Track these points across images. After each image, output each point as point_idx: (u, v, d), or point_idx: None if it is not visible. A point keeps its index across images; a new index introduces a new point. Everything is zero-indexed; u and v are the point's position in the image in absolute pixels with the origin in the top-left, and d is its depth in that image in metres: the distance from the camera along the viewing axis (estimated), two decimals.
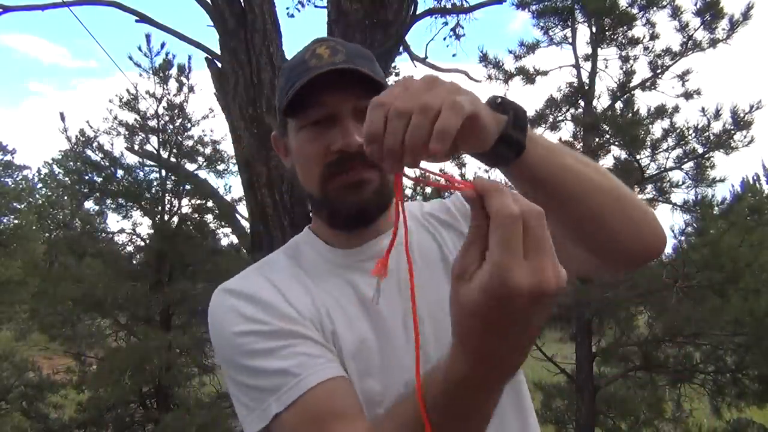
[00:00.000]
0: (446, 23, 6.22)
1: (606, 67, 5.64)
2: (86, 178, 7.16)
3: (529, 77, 5.74)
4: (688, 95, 5.36)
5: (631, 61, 5.51)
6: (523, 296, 0.48)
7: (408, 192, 5.73)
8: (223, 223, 7.02)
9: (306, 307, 0.87)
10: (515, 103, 0.71)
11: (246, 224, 4.37)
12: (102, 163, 7.09)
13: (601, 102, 5.70)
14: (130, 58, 6.81)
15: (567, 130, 5.78)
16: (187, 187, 6.98)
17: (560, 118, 5.76)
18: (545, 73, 5.77)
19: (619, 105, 5.54)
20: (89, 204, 8.10)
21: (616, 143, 5.41)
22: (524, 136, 0.70)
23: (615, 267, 0.84)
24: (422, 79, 0.60)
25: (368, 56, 0.92)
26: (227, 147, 7.25)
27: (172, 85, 7.05)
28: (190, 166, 7.34)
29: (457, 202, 1.01)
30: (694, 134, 5.14)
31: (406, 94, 0.58)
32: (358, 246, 0.94)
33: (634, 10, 5.46)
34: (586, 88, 5.64)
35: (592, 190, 0.74)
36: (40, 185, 21.33)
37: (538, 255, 0.49)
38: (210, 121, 7.58)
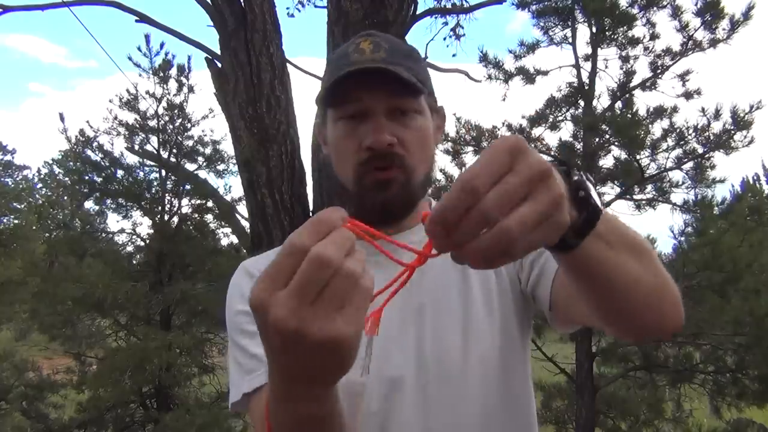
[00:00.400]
0: (446, 23, 6.20)
1: (606, 67, 5.65)
2: (86, 178, 7.16)
3: (529, 77, 5.74)
4: (688, 95, 5.36)
5: (631, 61, 5.52)
6: (268, 328, 0.47)
7: None
8: (223, 223, 7.02)
9: None
10: (595, 201, 0.59)
11: (246, 224, 4.37)
12: (102, 163, 7.09)
13: (601, 102, 5.71)
14: (130, 58, 6.81)
15: (567, 130, 5.78)
16: (187, 187, 6.98)
17: (560, 118, 5.77)
18: (545, 73, 5.77)
19: (619, 105, 5.54)
20: (89, 204, 8.09)
21: (616, 143, 5.41)
22: (581, 240, 0.60)
23: (626, 338, 0.84)
24: (531, 170, 0.48)
25: (412, 55, 0.93)
26: (227, 147, 7.25)
27: (172, 85, 7.06)
28: (190, 166, 7.34)
29: None
30: (694, 134, 5.14)
31: (503, 191, 0.47)
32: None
33: (635, 10, 5.46)
34: (586, 88, 5.64)
35: (636, 289, 0.69)
36: (40, 185, 21.35)
37: (298, 296, 0.46)
38: (210, 121, 7.59)
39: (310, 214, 3.43)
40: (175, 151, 7.13)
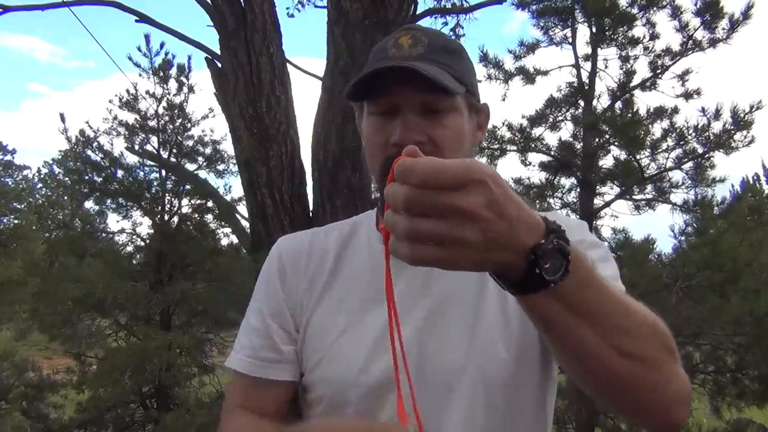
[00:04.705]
0: (446, 23, 6.20)
1: (606, 67, 5.65)
2: (86, 178, 7.14)
3: (529, 77, 5.74)
4: (688, 95, 5.36)
5: (631, 61, 5.52)
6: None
7: None
8: (223, 223, 7.01)
9: (302, 292, 0.95)
10: (540, 272, 0.54)
11: (246, 224, 4.37)
12: (102, 163, 7.07)
13: (601, 102, 5.71)
14: (130, 58, 6.80)
15: (567, 130, 5.78)
16: (187, 187, 6.97)
17: (560, 118, 5.77)
18: (545, 72, 5.77)
19: (619, 105, 5.54)
20: (89, 204, 8.08)
21: (616, 143, 5.41)
22: (526, 292, 0.57)
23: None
24: (466, 205, 0.49)
25: (453, 50, 0.90)
26: (227, 147, 7.23)
27: (172, 85, 7.05)
28: (190, 166, 7.33)
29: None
30: (694, 134, 5.14)
31: (441, 203, 0.50)
32: None
33: (634, 10, 5.46)
34: (586, 88, 5.64)
35: (613, 373, 0.63)
36: (40, 185, 21.35)
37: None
38: (210, 121, 7.59)
39: (310, 215, 3.43)
40: (175, 151, 7.13)
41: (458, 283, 0.89)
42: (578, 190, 5.73)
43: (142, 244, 7.31)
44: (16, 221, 17.53)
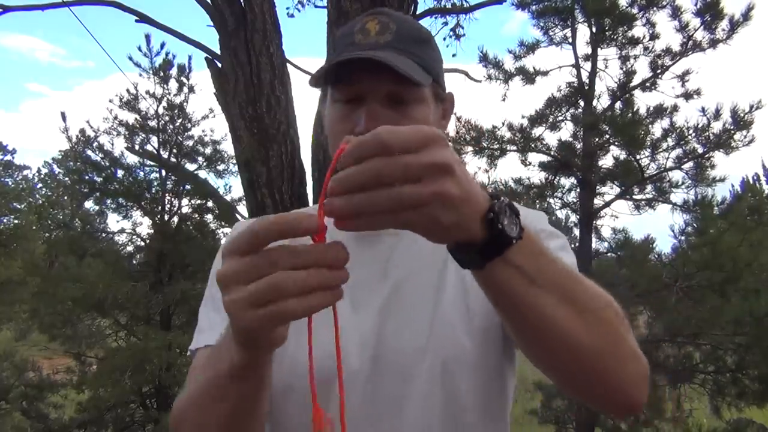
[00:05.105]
0: (446, 23, 6.20)
1: (606, 67, 5.65)
2: (86, 178, 7.15)
3: (529, 77, 5.74)
4: (688, 95, 5.36)
5: (631, 61, 5.52)
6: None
7: None
8: (223, 223, 7.02)
9: None
10: (503, 228, 0.55)
11: None
12: (102, 163, 7.08)
13: (601, 102, 5.71)
14: (130, 58, 6.82)
15: (567, 130, 5.78)
16: (187, 187, 6.98)
17: (560, 117, 5.77)
18: (545, 73, 5.77)
19: (619, 105, 5.54)
20: (89, 204, 8.09)
21: (616, 143, 5.41)
22: (484, 261, 0.57)
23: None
24: (432, 159, 0.49)
25: (421, 38, 0.88)
26: (227, 147, 7.25)
27: (172, 85, 7.06)
28: (190, 166, 7.34)
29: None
30: (694, 134, 5.14)
31: (402, 163, 0.49)
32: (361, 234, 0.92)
33: (634, 10, 5.46)
34: (586, 88, 5.64)
35: (565, 344, 0.62)
36: (40, 185, 21.36)
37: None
38: (210, 121, 7.59)
39: None
40: (175, 151, 7.14)
41: (417, 270, 0.87)
42: (578, 190, 5.73)
43: (142, 244, 7.32)
44: (16, 221, 17.50)
